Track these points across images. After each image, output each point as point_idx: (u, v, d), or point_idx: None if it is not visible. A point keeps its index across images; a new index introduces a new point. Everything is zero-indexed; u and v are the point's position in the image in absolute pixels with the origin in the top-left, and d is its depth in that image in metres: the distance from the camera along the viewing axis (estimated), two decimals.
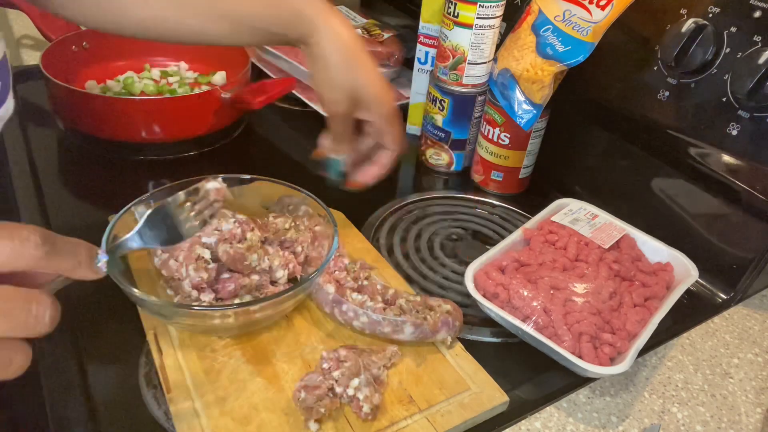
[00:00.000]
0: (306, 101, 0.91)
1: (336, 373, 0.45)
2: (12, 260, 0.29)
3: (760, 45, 0.56)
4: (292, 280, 0.55)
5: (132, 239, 0.39)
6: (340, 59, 0.51)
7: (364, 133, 0.57)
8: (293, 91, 0.91)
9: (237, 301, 0.51)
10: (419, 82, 0.87)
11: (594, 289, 0.54)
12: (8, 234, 0.29)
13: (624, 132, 0.72)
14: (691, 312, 0.61)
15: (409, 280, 0.61)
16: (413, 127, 0.90)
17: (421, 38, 0.84)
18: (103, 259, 0.36)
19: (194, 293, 0.50)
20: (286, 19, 0.51)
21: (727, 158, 0.61)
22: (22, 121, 0.82)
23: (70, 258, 0.32)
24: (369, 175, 0.58)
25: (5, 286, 0.29)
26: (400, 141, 0.57)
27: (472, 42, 0.72)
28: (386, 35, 0.99)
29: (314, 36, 0.51)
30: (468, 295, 0.55)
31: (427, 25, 0.82)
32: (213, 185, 0.45)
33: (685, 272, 0.59)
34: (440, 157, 0.82)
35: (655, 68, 0.65)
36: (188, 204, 0.43)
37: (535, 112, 0.67)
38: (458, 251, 0.67)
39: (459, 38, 0.72)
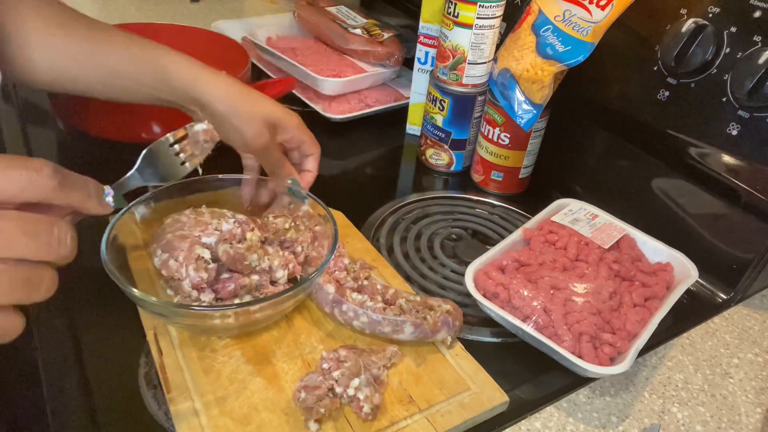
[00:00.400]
0: (306, 101, 0.91)
1: (336, 373, 0.45)
2: (28, 189, 0.30)
3: (760, 45, 0.56)
4: (292, 280, 0.55)
5: (133, 177, 0.43)
6: (244, 99, 0.56)
7: (287, 151, 0.62)
8: (293, 91, 0.91)
9: (237, 301, 0.51)
10: (419, 82, 0.87)
11: (594, 289, 0.54)
12: (23, 164, 0.30)
13: (624, 132, 0.72)
14: (691, 312, 0.61)
15: (409, 280, 0.61)
16: (413, 127, 0.91)
17: (421, 38, 0.84)
18: (110, 193, 0.39)
19: (194, 293, 0.49)
20: (153, 77, 0.56)
21: (727, 158, 0.61)
22: (22, 121, 0.82)
23: (80, 191, 0.34)
24: (306, 182, 0.62)
25: (27, 212, 0.30)
26: (316, 142, 0.62)
27: (472, 42, 0.72)
28: (386, 35, 0.99)
29: (205, 96, 0.55)
30: (468, 295, 0.55)
31: (427, 25, 0.83)
32: (201, 126, 0.47)
33: (685, 272, 0.59)
34: (440, 157, 0.82)
35: (655, 68, 0.65)
36: (178, 145, 0.46)
37: (535, 112, 0.67)
38: (458, 251, 0.67)
39: (459, 38, 0.72)
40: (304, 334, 0.52)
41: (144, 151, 0.44)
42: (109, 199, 0.39)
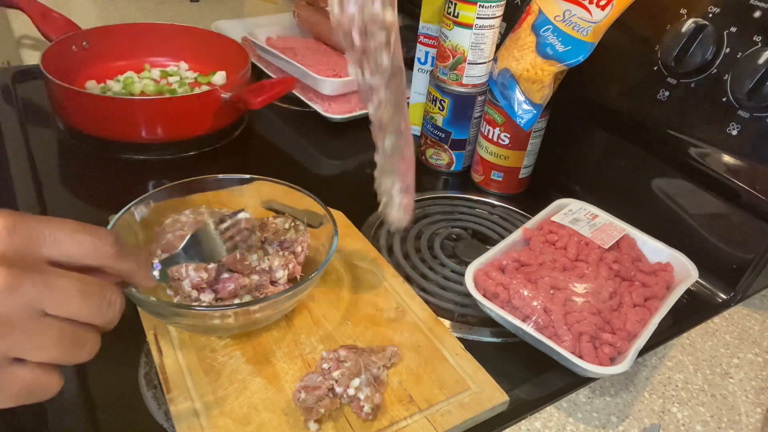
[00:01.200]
0: (306, 101, 0.91)
1: (336, 374, 0.45)
2: (90, 253, 0.32)
3: (760, 45, 0.56)
4: (292, 280, 0.55)
5: (180, 255, 0.45)
6: None
7: None
8: (293, 91, 0.91)
9: (237, 301, 0.51)
10: (419, 82, 0.87)
11: (594, 289, 0.54)
12: (88, 230, 0.32)
13: (624, 132, 0.72)
14: (691, 312, 0.61)
15: (408, 280, 0.61)
16: (413, 127, 0.90)
17: (421, 38, 0.84)
18: (157, 267, 0.40)
19: (194, 293, 0.50)
20: None
21: (727, 158, 0.61)
22: (22, 121, 0.82)
23: (132, 262, 0.35)
24: None
25: (84, 275, 0.31)
26: None
27: (472, 42, 0.72)
28: None
29: None
30: (468, 295, 0.55)
31: (427, 25, 0.82)
32: (243, 215, 0.51)
33: (685, 272, 0.59)
34: (440, 157, 0.82)
35: (655, 68, 0.65)
36: (221, 229, 0.49)
37: (535, 112, 0.67)
38: (458, 251, 0.67)
39: (459, 38, 0.72)
40: (304, 334, 0.52)
41: (189, 234, 0.47)
42: (156, 273, 0.40)
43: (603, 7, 0.62)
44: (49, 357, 0.30)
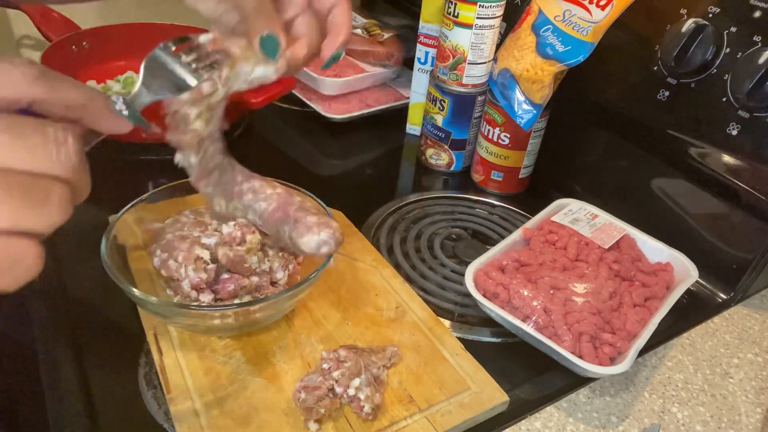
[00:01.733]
0: (306, 101, 0.91)
1: (336, 374, 0.45)
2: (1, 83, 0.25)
3: (760, 45, 0.56)
4: (292, 280, 0.54)
5: (141, 92, 0.35)
6: None
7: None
8: (293, 91, 0.91)
9: (237, 301, 0.51)
10: (419, 82, 0.87)
11: (594, 289, 0.54)
12: None
13: (624, 132, 0.72)
14: (691, 312, 0.61)
15: (409, 279, 0.61)
16: (413, 127, 0.91)
17: (421, 38, 0.84)
18: (118, 100, 0.31)
19: (193, 294, 0.49)
20: None
21: (727, 158, 0.61)
22: None
23: (75, 88, 0.27)
24: (331, 46, 0.42)
25: (10, 114, 0.24)
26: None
27: (472, 42, 0.72)
28: (386, 35, 0.99)
29: None
30: (468, 295, 0.55)
31: (427, 25, 0.82)
32: (206, 38, 0.40)
33: (685, 272, 0.59)
34: (440, 157, 0.82)
35: (655, 68, 0.65)
36: (184, 54, 0.38)
37: (535, 112, 0.67)
38: (458, 251, 0.67)
39: (459, 38, 0.72)
40: (304, 334, 0.52)
41: (144, 62, 0.36)
42: (122, 110, 0.31)
43: (603, 7, 0.62)
44: (4, 219, 0.23)
